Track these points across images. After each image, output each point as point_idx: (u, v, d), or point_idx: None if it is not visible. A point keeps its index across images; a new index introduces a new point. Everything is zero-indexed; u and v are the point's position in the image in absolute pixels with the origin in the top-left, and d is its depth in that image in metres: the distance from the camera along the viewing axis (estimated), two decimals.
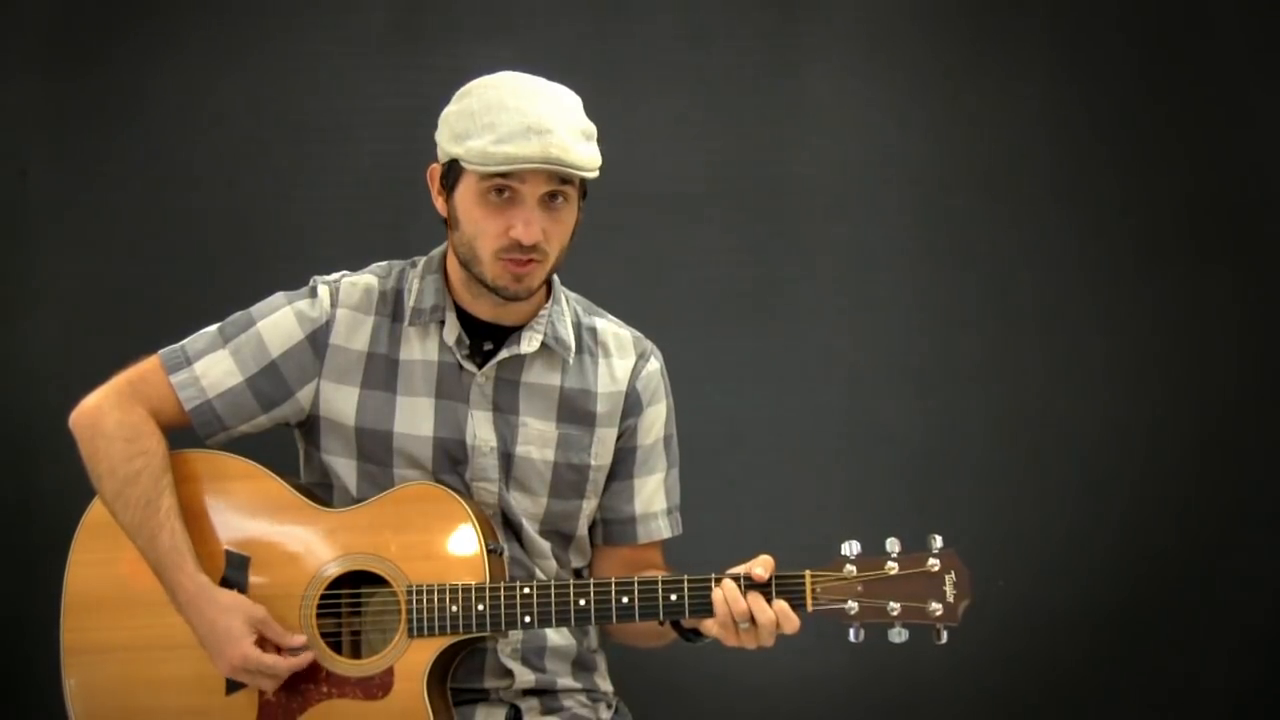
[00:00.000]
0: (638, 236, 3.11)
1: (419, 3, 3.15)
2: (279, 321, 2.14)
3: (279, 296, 2.17)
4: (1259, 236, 3.16)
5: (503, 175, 2.00)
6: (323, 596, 2.07)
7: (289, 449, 2.23)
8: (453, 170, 2.06)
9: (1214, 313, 3.15)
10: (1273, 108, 3.15)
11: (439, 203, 2.12)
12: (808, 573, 1.97)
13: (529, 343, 2.14)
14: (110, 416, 2.10)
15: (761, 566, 1.97)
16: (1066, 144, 3.18)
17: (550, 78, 2.09)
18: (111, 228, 3.11)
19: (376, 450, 2.14)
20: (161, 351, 2.15)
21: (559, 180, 2.03)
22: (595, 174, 2.05)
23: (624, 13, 3.17)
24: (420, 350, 2.15)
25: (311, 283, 2.18)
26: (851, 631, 1.96)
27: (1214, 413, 3.15)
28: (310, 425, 2.17)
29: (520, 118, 1.99)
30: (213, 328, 2.17)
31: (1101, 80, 3.17)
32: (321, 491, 2.17)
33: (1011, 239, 3.17)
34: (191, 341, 2.16)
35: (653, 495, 2.25)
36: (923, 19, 3.19)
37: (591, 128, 2.07)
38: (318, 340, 2.14)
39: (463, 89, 2.08)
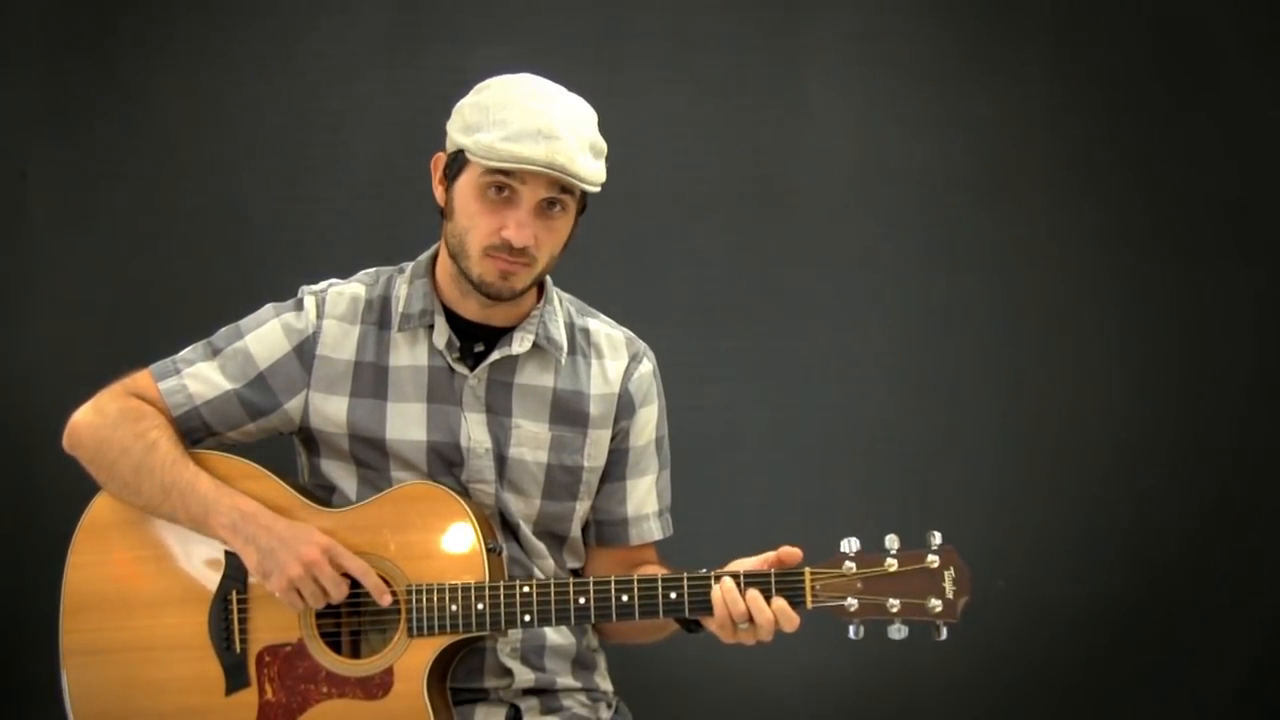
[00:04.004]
0: (638, 236, 3.12)
1: (419, 3, 3.15)
2: (266, 334, 2.14)
3: (268, 309, 2.18)
4: (1263, 238, 3.16)
5: (504, 173, 2.01)
6: None
7: (289, 450, 2.23)
8: (457, 160, 2.06)
9: (1217, 313, 3.16)
10: (1277, 106, 3.15)
11: (439, 191, 2.11)
12: (807, 570, 1.96)
13: (520, 343, 2.14)
14: (110, 407, 2.12)
15: (787, 555, 1.97)
16: (1068, 144, 3.18)
17: (550, 78, 2.08)
18: (111, 228, 3.12)
19: (372, 456, 2.14)
20: (152, 365, 2.16)
21: (559, 188, 2.03)
22: (596, 189, 2.05)
23: (623, 13, 3.18)
24: (410, 356, 2.14)
25: (299, 294, 2.18)
26: (851, 628, 1.96)
27: (1217, 413, 3.16)
28: (306, 436, 2.17)
29: (532, 119, 1.99)
30: (202, 341, 2.18)
31: (1103, 79, 3.17)
32: (322, 494, 2.17)
33: (1011, 239, 3.18)
34: (182, 354, 2.17)
35: (645, 497, 2.25)
36: (923, 19, 3.19)
37: (602, 145, 2.07)
38: (304, 352, 2.14)
39: (484, 83, 2.08)
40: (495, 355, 2.13)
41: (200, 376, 2.14)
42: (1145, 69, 3.17)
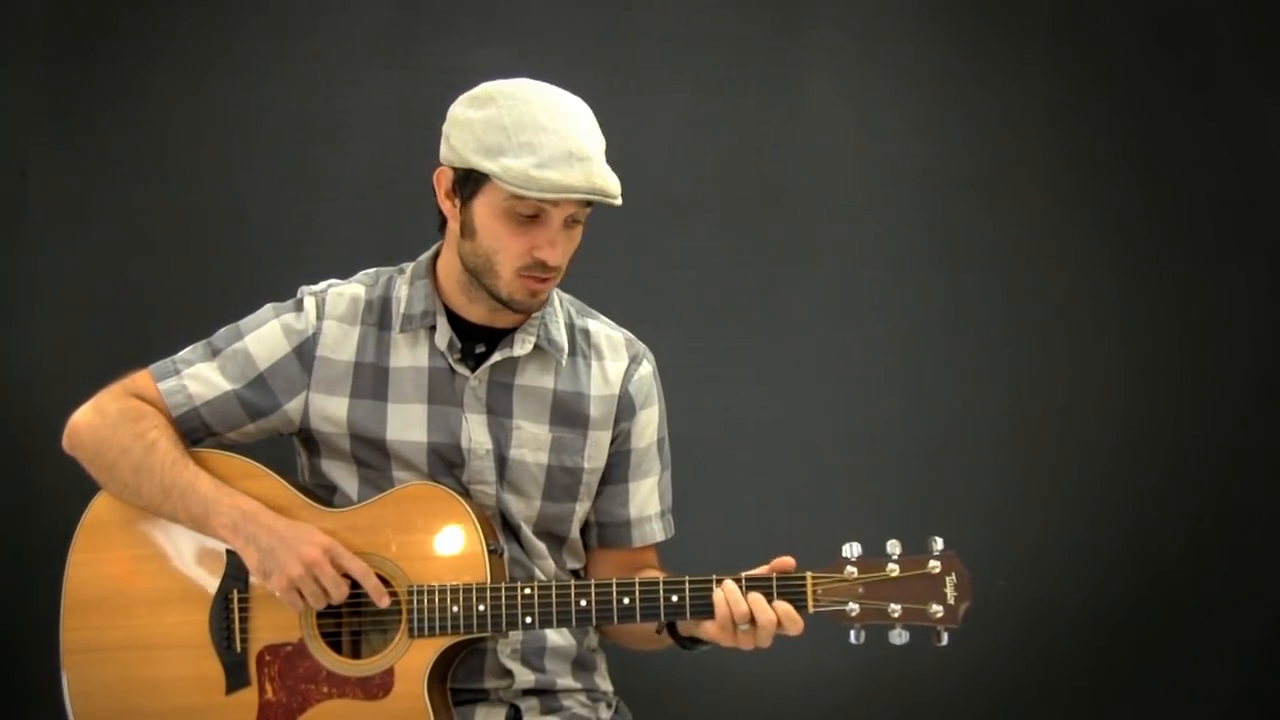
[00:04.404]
0: (637, 236, 3.11)
1: (419, 3, 3.15)
2: (265, 335, 2.14)
3: (267, 309, 2.17)
4: (1264, 238, 3.16)
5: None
6: None
7: (289, 449, 2.23)
8: (472, 179, 2.03)
9: (1217, 313, 3.15)
10: (1277, 106, 3.15)
11: (446, 206, 2.09)
12: (808, 574, 1.97)
13: (522, 345, 2.14)
14: (110, 408, 2.12)
15: (781, 564, 1.97)
16: (1068, 144, 3.18)
17: (549, 78, 2.07)
18: (111, 228, 3.12)
19: (373, 457, 2.14)
20: (152, 365, 2.16)
21: (585, 203, 2.03)
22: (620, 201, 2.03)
23: (623, 13, 3.17)
24: (410, 357, 2.14)
25: (299, 294, 2.17)
26: (852, 633, 1.96)
27: (1217, 413, 3.15)
28: (306, 437, 2.17)
29: (560, 141, 1.97)
30: (202, 342, 2.18)
31: (1104, 80, 3.17)
32: (323, 493, 2.17)
33: (1011, 239, 3.18)
34: (181, 355, 2.17)
35: (647, 499, 2.25)
36: (923, 19, 3.19)
37: (604, 144, 2.06)
38: (304, 353, 2.14)
39: (480, 94, 2.04)
40: (497, 356, 2.13)
41: (200, 377, 2.14)
42: (1145, 69, 3.17)
